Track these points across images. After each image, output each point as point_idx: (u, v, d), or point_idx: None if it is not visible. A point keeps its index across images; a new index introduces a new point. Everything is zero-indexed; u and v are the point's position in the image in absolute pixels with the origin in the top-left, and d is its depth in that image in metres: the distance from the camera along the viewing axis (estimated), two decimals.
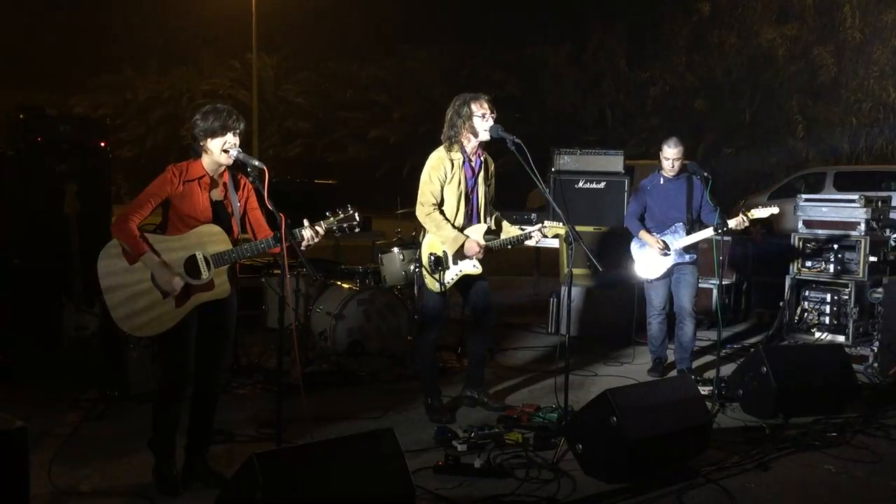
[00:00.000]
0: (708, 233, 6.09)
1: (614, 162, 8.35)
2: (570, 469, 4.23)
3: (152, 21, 37.01)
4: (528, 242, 5.28)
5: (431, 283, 5.14)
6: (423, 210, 5.09)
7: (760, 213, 6.02)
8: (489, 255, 5.37)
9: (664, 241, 6.17)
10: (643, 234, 6.27)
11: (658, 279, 6.33)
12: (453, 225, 5.07)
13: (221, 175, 4.00)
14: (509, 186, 8.50)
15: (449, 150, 5.10)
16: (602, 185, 8.22)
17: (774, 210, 6.12)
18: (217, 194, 3.98)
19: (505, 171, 6.97)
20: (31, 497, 3.22)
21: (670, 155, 6.17)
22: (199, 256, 3.86)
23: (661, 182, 6.32)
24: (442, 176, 5.06)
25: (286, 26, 34.26)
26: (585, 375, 6.36)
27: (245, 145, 4.00)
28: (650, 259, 6.29)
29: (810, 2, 25.38)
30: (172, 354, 3.96)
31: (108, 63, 37.27)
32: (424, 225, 5.14)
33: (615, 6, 29.25)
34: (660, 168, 6.33)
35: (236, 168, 4.03)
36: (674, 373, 6.37)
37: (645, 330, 6.67)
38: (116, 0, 37.13)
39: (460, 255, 5.07)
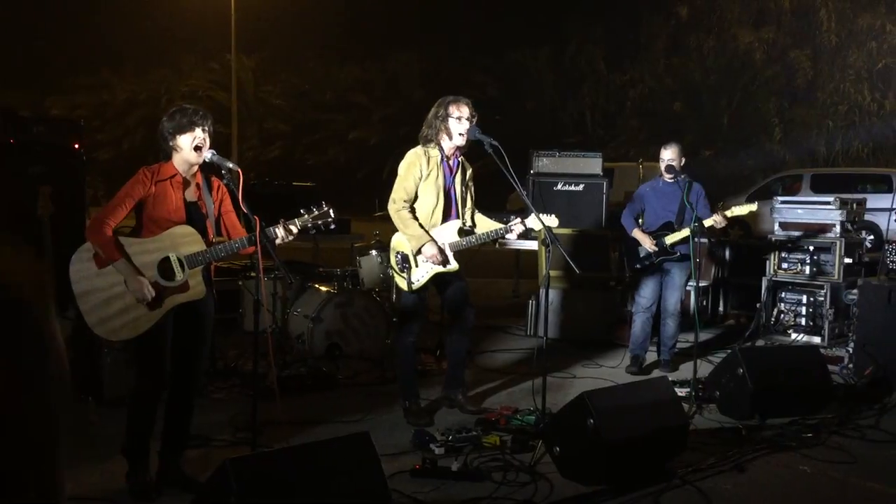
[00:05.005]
0: (686, 232, 6.20)
1: (593, 164, 8.38)
2: (547, 472, 4.22)
3: (130, 22, 36.75)
4: (509, 237, 5.25)
5: (400, 282, 5.13)
6: (394, 206, 5.07)
7: (739, 210, 6.20)
8: (468, 257, 5.35)
9: (657, 242, 6.44)
10: (636, 232, 6.57)
11: (647, 277, 6.54)
12: (422, 226, 5.03)
13: (194, 175, 3.97)
14: (489, 189, 8.51)
15: (425, 146, 5.11)
16: (581, 187, 8.24)
17: (752, 207, 6.25)
18: (191, 195, 3.95)
19: (485, 173, 6.98)
20: None
21: (664, 157, 6.44)
22: (173, 258, 3.82)
23: (660, 185, 6.56)
24: (417, 173, 5.05)
25: (265, 27, 34.15)
26: (564, 378, 6.37)
27: (224, 147, 3.99)
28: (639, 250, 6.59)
29: (787, 5, 25.66)
30: (148, 358, 3.92)
31: (86, 64, 36.98)
32: (393, 221, 5.11)
33: (594, 9, 29.40)
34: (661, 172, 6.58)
35: (210, 170, 4.01)
36: (656, 371, 6.49)
37: (623, 329, 6.75)
38: (94, 1, 36.84)
39: (419, 254, 5.04)
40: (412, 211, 5.07)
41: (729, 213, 6.14)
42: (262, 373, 5.08)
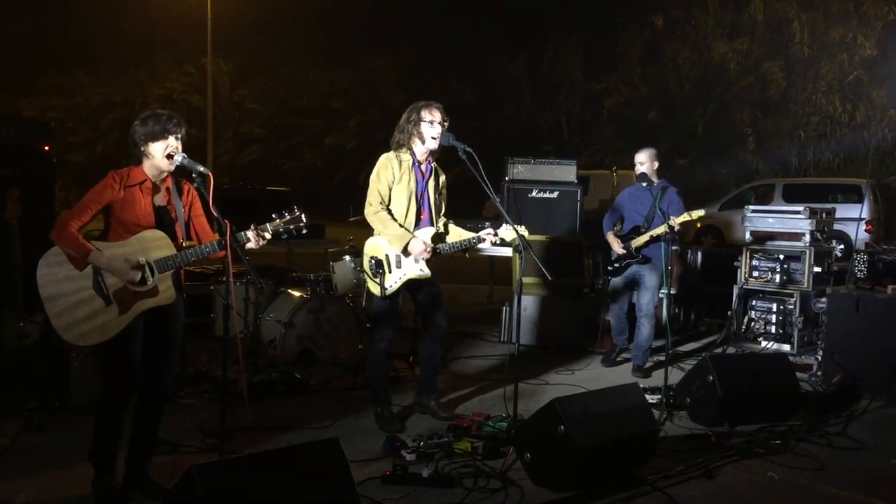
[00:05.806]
0: (656, 231, 6.42)
1: (567, 172, 8.43)
2: (518, 478, 4.22)
3: (106, 23, 36.44)
4: (483, 246, 5.27)
5: (374, 288, 5.11)
6: (371, 209, 5.06)
7: (697, 213, 6.41)
8: (443, 262, 5.35)
9: (625, 245, 6.70)
10: (608, 235, 6.82)
11: (619, 280, 6.79)
12: (402, 225, 5.05)
13: (164, 180, 3.94)
14: (465, 195, 8.53)
15: (397, 151, 5.11)
16: (555, 194, 8.28)
17: (701, 212, 6.52)
18: (160, 199, 3.92)
19: (460, 180, 7.00)
20: None
21: (635, 162, 6.66)
22: (143, 262, 3.79)
23: (636, 190, 6.75)
24: (390, 176, 5.05)
25: (242, 31, 34.02)
26: (536, 384, 6.38)
27: (199, 151, 3.96)
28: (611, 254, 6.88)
29: (761, 17, 25.99)
30: (117, 363, 3.86)
31: (59, 65, 36.60)
32: (372, 224, 5.10)
33: (571, 18, 29.61)
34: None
35: (180, 174, 3.97)
36: (628, 376, 6.59)
37: (595, 337, 7.11)
38: (69, 2, 36.49)
39: (406, 252, 5.04)
40: (389, 213, 5.07)
41: (679, 219, 6.22)
42: (232, 378, 5.03)
